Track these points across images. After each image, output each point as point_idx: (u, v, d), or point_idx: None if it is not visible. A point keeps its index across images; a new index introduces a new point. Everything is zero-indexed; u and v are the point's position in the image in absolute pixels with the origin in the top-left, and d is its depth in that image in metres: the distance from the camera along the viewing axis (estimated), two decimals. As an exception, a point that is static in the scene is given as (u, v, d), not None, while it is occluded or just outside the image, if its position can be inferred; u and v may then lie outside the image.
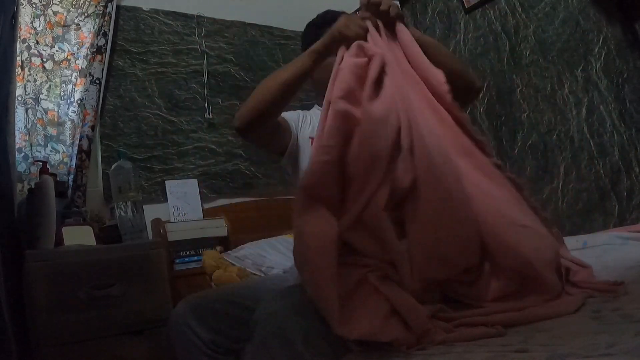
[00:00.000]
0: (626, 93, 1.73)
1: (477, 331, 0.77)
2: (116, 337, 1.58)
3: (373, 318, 0.77)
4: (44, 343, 1.46)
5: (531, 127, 2.02)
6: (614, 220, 1.75)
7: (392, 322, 0.78)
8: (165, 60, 2.50)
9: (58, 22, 2.16)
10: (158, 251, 1.77)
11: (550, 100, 1.95)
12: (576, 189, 1.87)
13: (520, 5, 2.05)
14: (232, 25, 2.73)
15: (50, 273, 1.51)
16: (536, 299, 0.82)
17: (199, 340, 1.07)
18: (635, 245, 1.26)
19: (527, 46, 2.03)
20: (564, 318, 0.79)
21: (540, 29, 1.98)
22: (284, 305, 0.84)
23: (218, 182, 2.51)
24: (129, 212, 1.86)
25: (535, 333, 0.76)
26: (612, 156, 1.77)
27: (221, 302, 1.13)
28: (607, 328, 0.71)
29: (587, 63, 1.83)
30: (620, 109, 1.75)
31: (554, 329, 0.78)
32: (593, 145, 1.82)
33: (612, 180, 1.77)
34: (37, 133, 2.04)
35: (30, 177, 1.94)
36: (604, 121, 1.79)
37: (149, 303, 1.66)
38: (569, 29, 1.89)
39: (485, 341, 0.77)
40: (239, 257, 1.84)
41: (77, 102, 2.15)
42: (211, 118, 2.55)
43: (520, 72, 2.06)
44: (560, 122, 1.92)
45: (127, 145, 2.29)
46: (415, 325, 0.77)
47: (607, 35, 1.77)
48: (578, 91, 1.86)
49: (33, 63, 2.07)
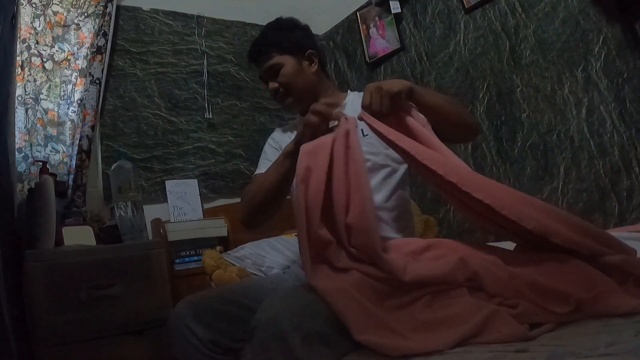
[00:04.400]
0: (626, 93, 1.73)
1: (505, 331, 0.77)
2: (116, 337, 1.58)
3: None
4: (44, 343, 1.46)
5: (531, 127, 2.02)
6: (614, 220, 1.75)
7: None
8: (165, 60, 2.50)
9: (58, 22, 2.16)
10: (158, 251, 1.77)
11: (550, 100, 1.95)
12: (576, 189, 1.87)
13: (520, 5, 2.05)
14: (232, 25, 2.74)
15: (50, 273, 1.51)
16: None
17: (198, 340, 1.07)
18: (635, 245, 1.26)
19: (527, 46, 2.03)
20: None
21: (540, 29, 1.98)
22: (283, 309, 0.84)
23: (218, 182, 2.51)
24: (129, 212, 1.86)
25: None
26: (612, 156, 1.77)
27: (221, 302, 1.13)
28: (607, 328, 0.71)
29: (587, 63, 1.83)
30: (620, 109, 1.75)
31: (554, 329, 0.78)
32: (593, 145, 1.82)
33: (612, 180, 1.77)
34: (37, 133, 2.04)
35: (30, 177, 1.94)
36: (604, 121, 1.79)
37: (149, 303, 1.66)
38: (569, 29, 1.89)
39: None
40: (239, 257, 1.83)
41: (77, 102, 2.15)
42: (211, 118, 2.55)
43: (520, 72, 2.06)
44: (560, 122, 1.92)
45: (127, 145, 2.30)
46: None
47: (607, 35, 1.77)
48: (578, 91, 1.86)
49: (33, 63, 2.07)
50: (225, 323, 1.09)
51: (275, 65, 1.36)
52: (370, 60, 2.76)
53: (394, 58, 2.65)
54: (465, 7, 2.26)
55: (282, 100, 1.38)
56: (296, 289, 0.93)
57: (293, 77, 1.36)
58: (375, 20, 2.72)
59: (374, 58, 2.74)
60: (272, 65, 1.36)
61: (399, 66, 2.62)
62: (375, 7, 2.70)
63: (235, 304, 1.12)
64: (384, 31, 2.67)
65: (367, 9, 2.76)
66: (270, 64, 1.36)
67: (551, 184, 1.94)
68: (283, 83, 1.36)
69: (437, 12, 2.42)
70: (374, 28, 2.72)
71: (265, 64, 1.37)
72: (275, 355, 0.79)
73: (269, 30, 1.41)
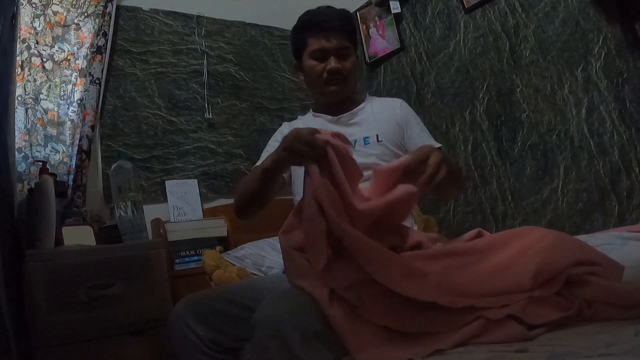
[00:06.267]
0: (626, 93, 1.73)
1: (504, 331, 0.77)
2: (116, 337, 1.58)
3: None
4: (44, 343, 1.46)
5: (531, 127, 2.02)
6: (614, 220, 1.75)
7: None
8: (165, 60, 2.50)
9: (58, 22, 2.16)
10: (158, 251, 1.77)
11: (550, 100, 1.95)
12: (576, 189, 1.87)
13: (520, 5, 2.05)
14: (232, 25, 2.73)
15: (50, 273, 1.51)
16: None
17: (198, 339, 1.07)
18: (635, 245, 1.26)
19: (527, 46, 2.03)
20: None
21: (540, 29, 1.98)
22: (281, 308, 0.84)
23: (218, 182, 2.51)
24: (128, 212, 1.86)
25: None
26: (612, 156, 1.77)
27: (220, 301, 1.13)
28: (607, 328, 0.71)
29: (587, 63, 1.83)
30: (620, 109, 1.75)
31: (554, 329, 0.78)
32: (593, 145, 1.82)
33: (612, 180, 1.77)
34: (37, 133, 2.04)
35: (30, 177, 1.94)
36: (604, 121, 1.79)
37: (149, 303, 1.66)
38: (569, 29, 1.89)
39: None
40: (239, 257, 1.83)
41: (77, 102, 2.15)
42: (211, 118, 2.55)
43: (520, 72, 2.06)
44: (560, 122, 1.92)
45: (127, 145, 2.29)
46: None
47: (607, 35, 1.77)
48: (578, 91, 1.86)
49: (33, 63, 2.07)
50: (225, 322, 1.10)
51: (347, 49, 1.34)
52: (370, 60, 2.76)
53: (394, 58, 2.65)
54: (465, 7, 2.26)
55: (337, 83, 1.34)
56: (295, 288, 0.93)
57: (355, 70, 1.37)
58: (375, 20, 2.72)
59: (374, 58, 2.74)
60: (346, 47, 1.34)
61: (399, 66, 2.63)
62: (375, 7, 2.70)
63: (235, 304, 1.12)
64: (384, 31, 2.67)
65: (367, 9, 2.76)
66: (345, 45, 1.34)
67: (551, 184, 1.94)
68: (348, 69, 1.34)
69: (437, 12, 2.42)
70: (374, 28, 2.73)
71: (340, 41, 1.32)
72: (274, 354, 0.79)
73: (345, 14, 1.38)
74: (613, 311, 0.75)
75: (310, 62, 1.35)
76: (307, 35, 1.35)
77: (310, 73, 1.36)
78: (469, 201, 2.25)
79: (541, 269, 0.82)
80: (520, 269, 0.84)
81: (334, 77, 1.33)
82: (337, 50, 1.32)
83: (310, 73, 1.36)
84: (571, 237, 0.95)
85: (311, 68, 1.35)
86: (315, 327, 0.81)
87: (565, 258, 0.83)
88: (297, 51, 1.40)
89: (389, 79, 2.69)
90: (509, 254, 0.88)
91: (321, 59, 1.33)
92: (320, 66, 1.33)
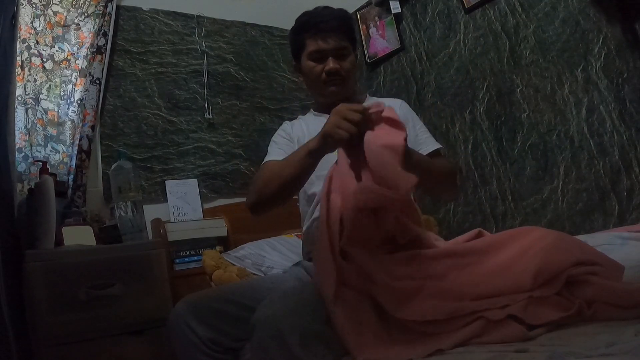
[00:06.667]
0: (626, 93, 1.73)
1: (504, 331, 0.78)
2: (116, 337, 1.58)
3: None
4: (44, 343, 1.46)
5: (531, 127, 2.02)
6: (614, 220, 1.75)
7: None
8: (165, 60, 2.50)
9: (58, 22, 2.16)
10: (158, 251, 1.76)
11: (550, 100, 1.95)
12: (576, 189, 1.87)
13: (520, 5, 2.05)
14: (232, 25, 2.73)
15: (50, 273, 1.51)
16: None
17: (198, 339, 1.07)
18: (635, 245, 1.26)
19: (527, 46, 2.03)
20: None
21: (540, 29, 1.98)
22: (281, 308, 0.84)
23: (218, 182, 2.51)
24: (129, 212, 1.86)
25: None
26: (612, 156, 1.77)
27: (220, 301, 1.13)
28: (607, 328, 0.71)
29: (587, 63, 1.83)
30: (620, 109, 1.75)
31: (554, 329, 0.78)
32: (593, 145, 1.82)
33: (612, 180, 1.77)
34: (37, 133, 2.04)
35: (30, 177, 1.94)
36: (604, 121, 1.79)
37: (149, 303, 1.66)
38: (569, 29, 1.89)
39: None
40: (239, 257, 1.83)
41: (77, 102, 2.15)
42: (211, 118, 2.55)
43: (520, 72, 2.06)
44: (560, 122, 1.92)
45: (127, 145, 2.29)
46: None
47: (607, 35, 1.77)
48: (578, 91, 1.86)
49: (33, 63, 2.07)
50: (225, 322, 1.10)
51: (345, 49, 1.34)
52: (370, 60, 2.76)
53: (394, 58, 2.65)
54: (465, 7, 2.26)
55: (336, 83, 1.34)
56: (295, 289, 0.93)
57: (354, 69, 1.37)
58: (375, 20, 2.72)
59: (374, 58, 2.74)
60: (344, 47, 1.34)
61: (399, 66, 2.62)
62: (375, 7, 2.70)
63: (235, 304, 1.12)
64: (384, 31, 2.67)
65: (367, 9, 2.76)
66: (344, 45, 1.33)
67: (551, 184, 1.94)
68: (346, 69, 1.34)
69: (437, 12, 2.42)
70: (374, 28, 2.73)
71: (338, 41, 1.32)
72: (274, 354, 0.79)
73: (343, 14, 1.37)
74: (613, 311, 0.75)
75: (309, 63, 1.35)
76: (304, 37, 1.35)
77: (309, 74, 1.37)
78: (469, 201, 2.25)
79: (541, 269, 0.82)
80: (521, 269, 0.84)
81: (332, 77, 1.33)
82: (335, 50, 1.32)
83: (309, 74, 1.36)
84: (571, 237, 0.96)
85: (310, 69, 1.35)
86: (315, 327, 0.81)
87: (566, 258, 0.83)
88: (296, 53, 1.40)
89: (389, 79, 2.69)
90: (509, 254, 0.88)
91: (319, 60, 1.33)
92: (319, 67, 1.33)
